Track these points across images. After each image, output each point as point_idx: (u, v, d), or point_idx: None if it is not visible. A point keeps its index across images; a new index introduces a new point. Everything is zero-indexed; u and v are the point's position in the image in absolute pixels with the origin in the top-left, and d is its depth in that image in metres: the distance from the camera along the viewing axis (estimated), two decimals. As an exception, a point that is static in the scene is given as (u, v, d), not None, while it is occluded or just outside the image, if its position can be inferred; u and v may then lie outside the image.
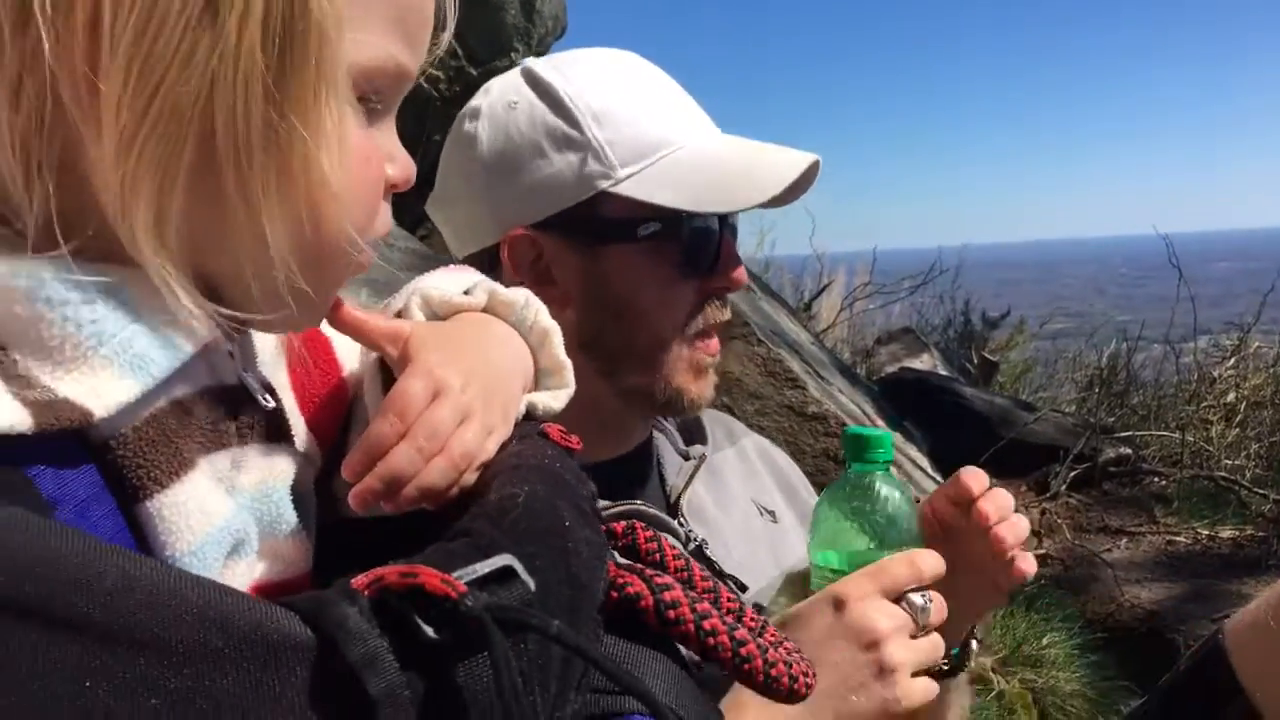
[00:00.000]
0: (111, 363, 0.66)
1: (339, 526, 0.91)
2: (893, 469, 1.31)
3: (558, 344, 0.95)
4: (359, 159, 0.70)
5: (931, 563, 1.19)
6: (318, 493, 0.90)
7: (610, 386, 1.44)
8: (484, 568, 0.56)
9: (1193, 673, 1.46)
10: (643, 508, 1.41)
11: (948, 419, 6.37)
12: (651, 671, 0.66)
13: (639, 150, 1.39)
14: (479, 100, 1.50)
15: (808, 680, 0.70)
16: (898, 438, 4.45)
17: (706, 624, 0.67)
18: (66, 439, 0.64)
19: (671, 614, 0.66)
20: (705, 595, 0.78)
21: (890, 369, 8.18)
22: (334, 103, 0.65)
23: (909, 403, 6.34)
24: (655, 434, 1.60)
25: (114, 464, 0.67)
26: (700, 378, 1.46)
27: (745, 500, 1.63)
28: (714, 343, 1.48)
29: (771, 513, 1.66)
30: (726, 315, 1.49)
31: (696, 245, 1.41)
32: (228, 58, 0.62)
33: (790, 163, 1.43)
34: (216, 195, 0.65)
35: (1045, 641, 3.88)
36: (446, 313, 0.90)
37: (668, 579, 0.69)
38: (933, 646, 1.18)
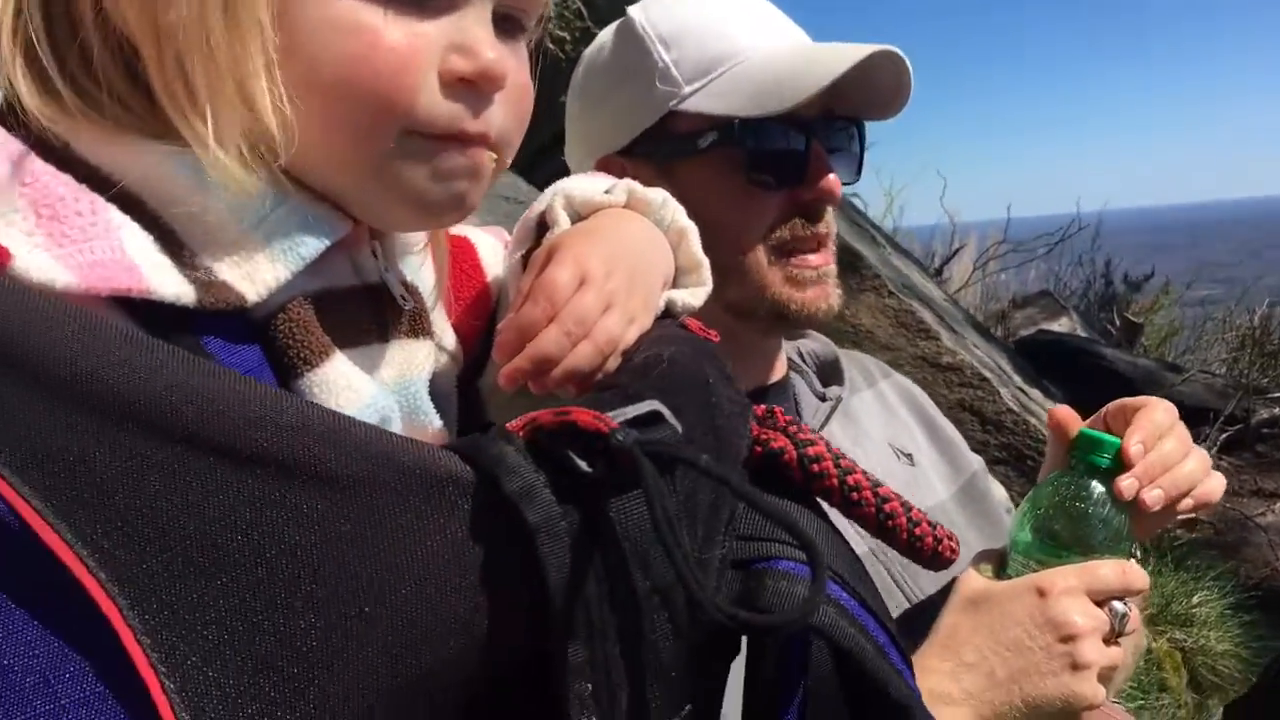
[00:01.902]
0: (263, 247, 0.70)
1: (485, 427, 0.95)
2: (1036, 424, 1.29)
3: (694, 242, 0.97)
4: (360, 45, 0.69)
5: (1139, 576, 1.19)
6: (463, 394, 0.94)
7: (717, 304, 1.45)
8: (632, 410, 0.58)
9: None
10: None
11: (1088, 380, 6.18)
12: (801, 518, 0.67)
13: (704, 66, 1.41)
14: (587, 50, 1.57)
15: (952, 545, 0.70)
16: (1038, 395, 4.35)
17: (851, 479, 0.67)
18: (232, 316, 0.69)
19: (815, 467, 0.67)
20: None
21: (1026, 332, 7.97)
22: None
23: (1047, 363, 6.16)
24: (792, 375, 1.60)
25: (271, 342, 0.72)
26: (805, 288, 1.43)
27: (882, 443, 1.62)
28: (812, 257, 1.44)
29: (909, 455, 1.64)
30: (822, 229, 1.45)
31: (767, 154, 1.40)
32: None
33: (841, 56, 1.37)
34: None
35: (1195, 600, 3.75)
36: (588, 211, 0.92)
37: (812, 435, 0.70)
38: (1119, 655, 1.18)
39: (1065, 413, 1.31)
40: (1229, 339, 8.77)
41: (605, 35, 1.53)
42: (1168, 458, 1.25)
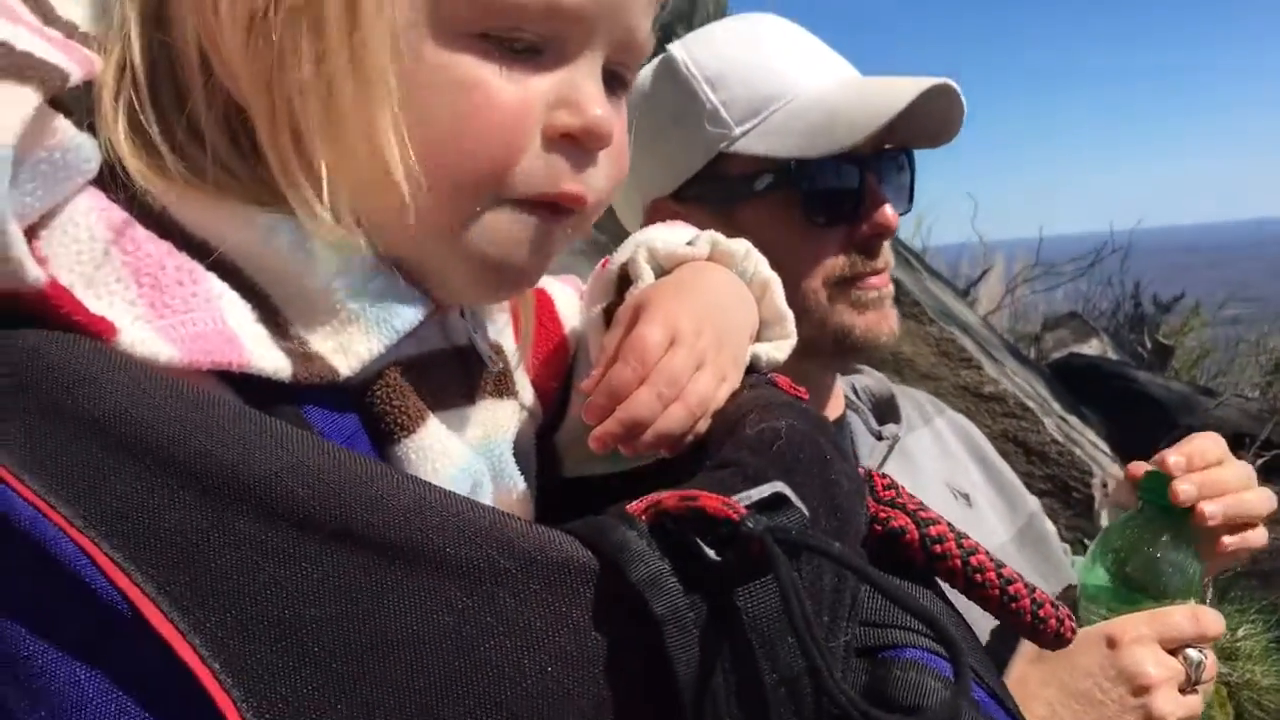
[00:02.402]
0: (358, 318, 0.69)
1: (562, 483, 0.94)
2: (1081, 453, 1.28)
3: (779, 294, 0.95)
4: (473, 102, 0.67)
5: (1214, 621, 1.17)
6: (540, 448, 0.92)
7: None
8: (757, 493, 0.56)
9: None
10: None
11: (1123, 405, 6.12)
12: (925, 601, 0.64)
13: (754, 106, 1.39)
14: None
15: (1072, 625, 0.68)
16: (1076, 421, 4.30)
17: (974, 559, 0.65)
18: (330, 386, 0.68)
19: (938, 548, 0.65)
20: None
21: (1058, 354, 7.91)
22: (407, 41, 0.65)
23: (1082, 388, 6.11)
24: (849, 414, 1.58)
25: (368, 410, 0.71)
26: (865, 311, 1.42)
27: (939, 483, 1.59)
28: (877, 279, 1.43)
29: (966, 496, 1.62)
30: (881, 262, 1.44)
31: (823, 193, 1.39)
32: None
33: (896, 93, 1.35)
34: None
35: (1240, 634, 3.70)
36: (671, 264, 0.90)
37: (933, 514, 0.67)
38: (1197, 705, 1.15)
39: (1137, 464, 1.29)
40: (1262, 362, 8.70)
41: (644, 74, 1.49)
42: (1224, 480, 1.23)
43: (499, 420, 0.84)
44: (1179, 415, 6.19)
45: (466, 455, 0.77)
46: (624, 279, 0.91)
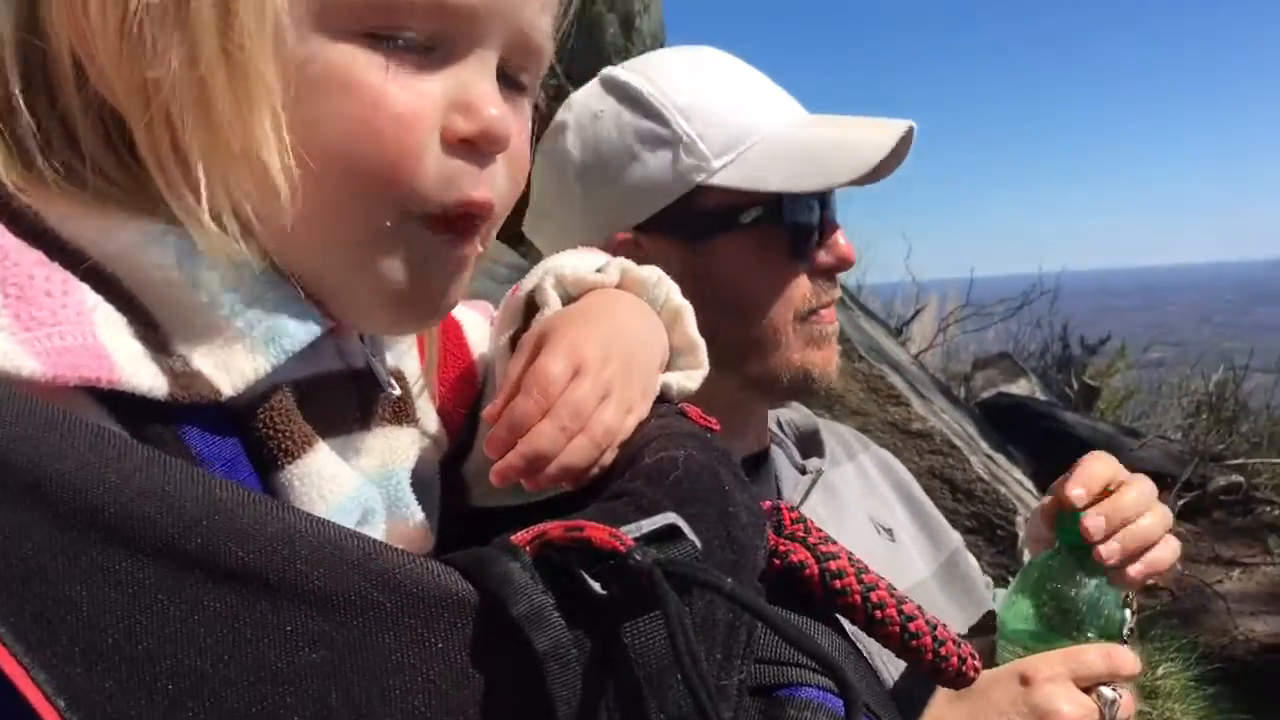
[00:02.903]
0: (244, 336, 0.66)
1: (469, 511, 0.91)
2: (1005, 490, 1.28)
3: (690, 322, 0.93)
4: (362, 106, 0.65)
5: (1128, 660, 1.16)
6: (445, 477, 0.89)
7: (733, 379, 1.40)
8: (648, 525, 0.54)
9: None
10: None
11: (1050, 445, 6.20)
12: (823, 640, 0.62)
13: (729, 140, 1.37)
14: (563, 115, 1.48)
15: (975, 665, 0.66)
16: (1003, 460, 4.34)
17: (874, 595, 0.63)
18: (210, 406, 0.64)
19: (838, 583, 0.63)
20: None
21: (987, 394, 8.02)
22: (283, 41, 0.62)
23: (1009, 426, 6.19)
24: (772, 447, 1.57)
25: (251, 433, 0.68)
26: (823, 348, 1.43)
27: (862, 518, 1.59)
28: (828, 313, 1.44)
29: (889, 531, 1.61)
30: (837, 293, 1.46)
31: (799, 226, 1.39)
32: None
33: (885, 133, 1.39)
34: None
35: (1160, 672, 3.74)
36: (579, 291, 0.88)
37: (834, 548, 0.65)
38: None
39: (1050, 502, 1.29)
40: (1184, 404, 8.89)
41: (601, 103, 1.44)
42: (1124, 509, 1.23)
43: (397, 448, 0.81)
44: (1104, 455, 6.29)
45: (356, 484, 0.73)
46: (532, 306, 0.88)
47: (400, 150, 0.66)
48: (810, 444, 1.65)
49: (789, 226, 1.37)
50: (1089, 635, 1.18)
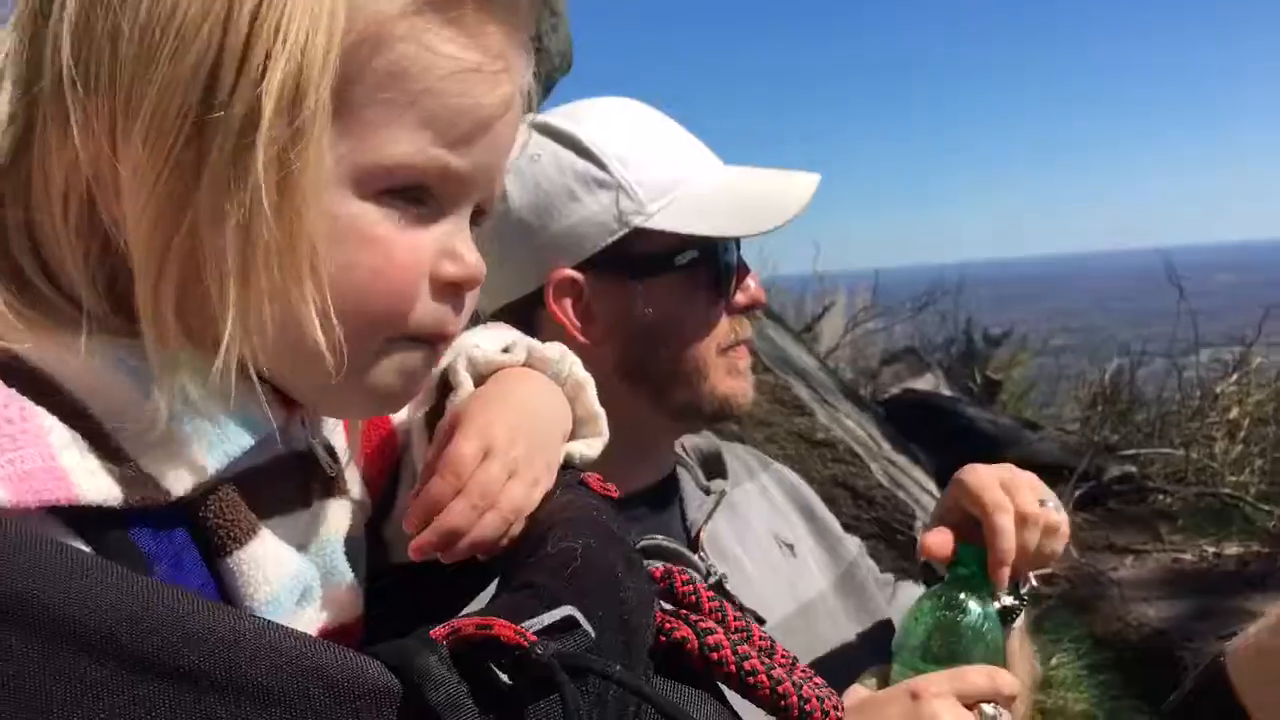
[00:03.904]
0: (195, 442, 0.73)
1: (392, 568, 0.98)
2: (903, 494, 1.40)
3: (591, 395, 1.02)
4: (378, 256, 0.73)
5: (1009, 681, 1.27)
6: (368, 537, 0.97)
7: (659, 409, 1.53)
8: (549, 618, 0.63)
9: (1196, 696, 1.51)
10: (663, 542, 1.47)
11: (953, 440, 6.41)
12: (699, 710, 0.72)
13: (661, 187, 1.48)
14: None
15: (839, 714, 0.76)
16: (905, 461, 4.51)
17: (747, 664, 0.73)
18: (159, 505, 0.71)
19: (715, 655, 0.73)
20: (739, 632, 0.84)
21: (894, 390, 8.23)
22: (313, 201, 0.69)
23: (914, 424, 6.38)
24: (679, 469, 1.66)
25: (199, 525, 0.75)
26: (739, 378, 1.56)
27: (765, 535, 1.69)
28: (744, 349, 1.57)
29: (790, 546, 1.71)
30: (750, 331, 1.59)
31: (725, 268, 1.51)
32: (208, 161, 0.67)
33: (802, 186, 1.54)
34: (203, 289, 0.69)
35: (1054, 662, 3.93)
36: (489, 371, 0.96)
37: (710, 623, 0.75)
38: None
39: (935, 540, 1.41)
40: (1081, 397, 9.19)
41: (539, 146, 1.52)
42: (1025, 541, 1.37)
43: (331, 520, 0.88)
44: (1004, 449, 6.52)
45: (297, 563, 0.81)
46: (445, 383, 0.96)
47: (404, 296, 0.76)
48: (713, 466, 1.75)
49: (716, 269, 1.50)
50: (974, 658, 1.30)
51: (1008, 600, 1.44)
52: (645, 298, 1.49)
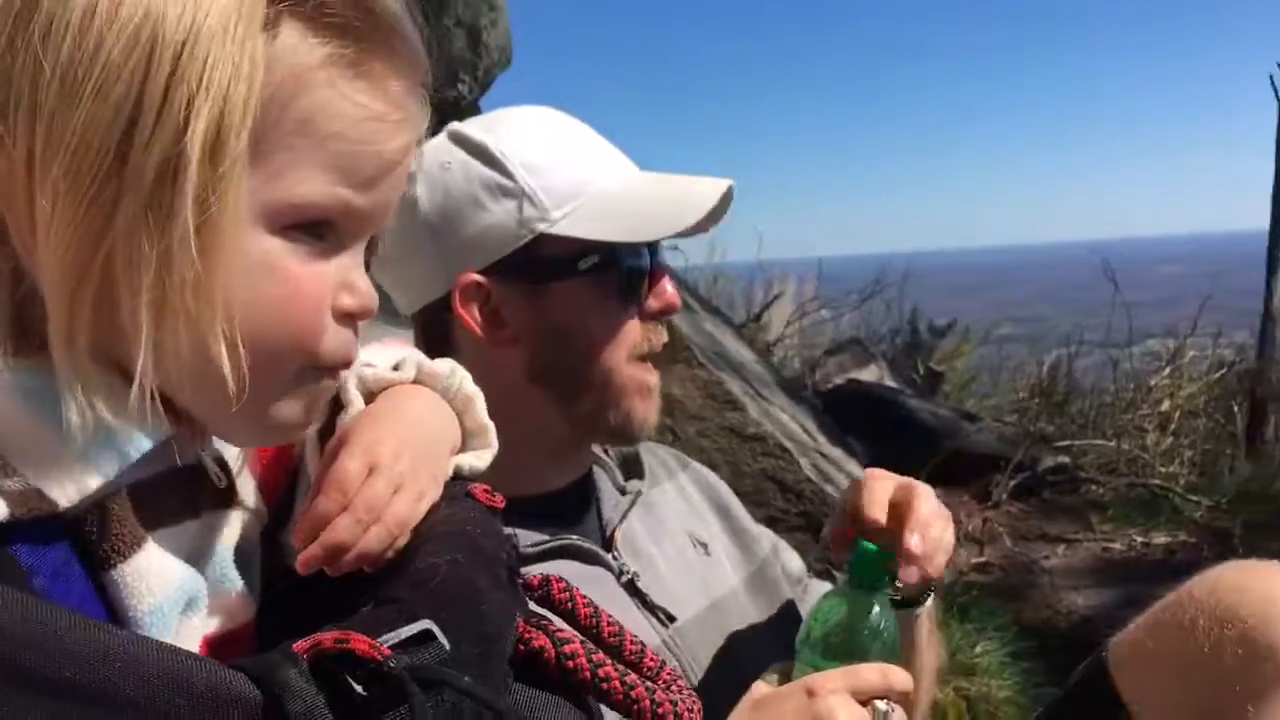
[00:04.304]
0: (83, 456, 0.76)
1: (286, 570, 1.02)
2: (833, 489, 1.45)
3: (480, 408, 1.06)
4: (286, 289, 0.78)
5: (901, 679, 1.33)
6: (267, 542, 1.01)
7: (565, 415, 1.55)
8: (406, 631, 0.67)
9: (1080, 687, 1.59)
10: (577, 541, 1.51)
11: (893, 431, 6.50)
12: (554, 716, 0.77)
13: (567, 192, 1.51)
14: (411, 165, 1.60)
15: (692, 716, 0.81)
16: (839, 454, 4.59)
17: (601, 671, 0.78)
18: (45, 519, 0.75)
19: (570, 664, 0.78)
20: (611, 640, 0.89)
21: (838, 380, 8.30)
22: (232, 237, 0.73)
23: (855, 415, 6.46)
24: (596, 469, 1.71)
25: (82, 539, 0.79)
26: (646, 399, 1.57)
27: (680, 534, 1.73)
28: (652, 365, 1.59)
29: (705, 545, 1.76)
30: (665, 337, 1.61)
31: (632, 272, 1.53)
32: (126, 198, 0.71)
33: (709, 189, 1.54)
34: (115, 316, 0.73)
35: (978, 650, 4.02)
36: (379, 389, 1.01)
37: (568, 633, 0.80)
38: None
39: (835, 536, 1.47)
40: (1020, 388, 9.34)
41: (450, 155, 1.56)
42: (934, 538, 1.44)
43: (221, 530, 0.92)
44: (944, 439, 6.62)
45: (182, 574, 0.85)
46: (336, 401, 1.00)
47: (310, 328, 0.80)
48: (631, 465, 1.80)
49: (622, 274, 1.52)
50: (870, 655, 1.36)
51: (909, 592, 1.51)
52: (550, 304, 1.52)
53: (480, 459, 1.04)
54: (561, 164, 1.54)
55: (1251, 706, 1.35)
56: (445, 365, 1.05)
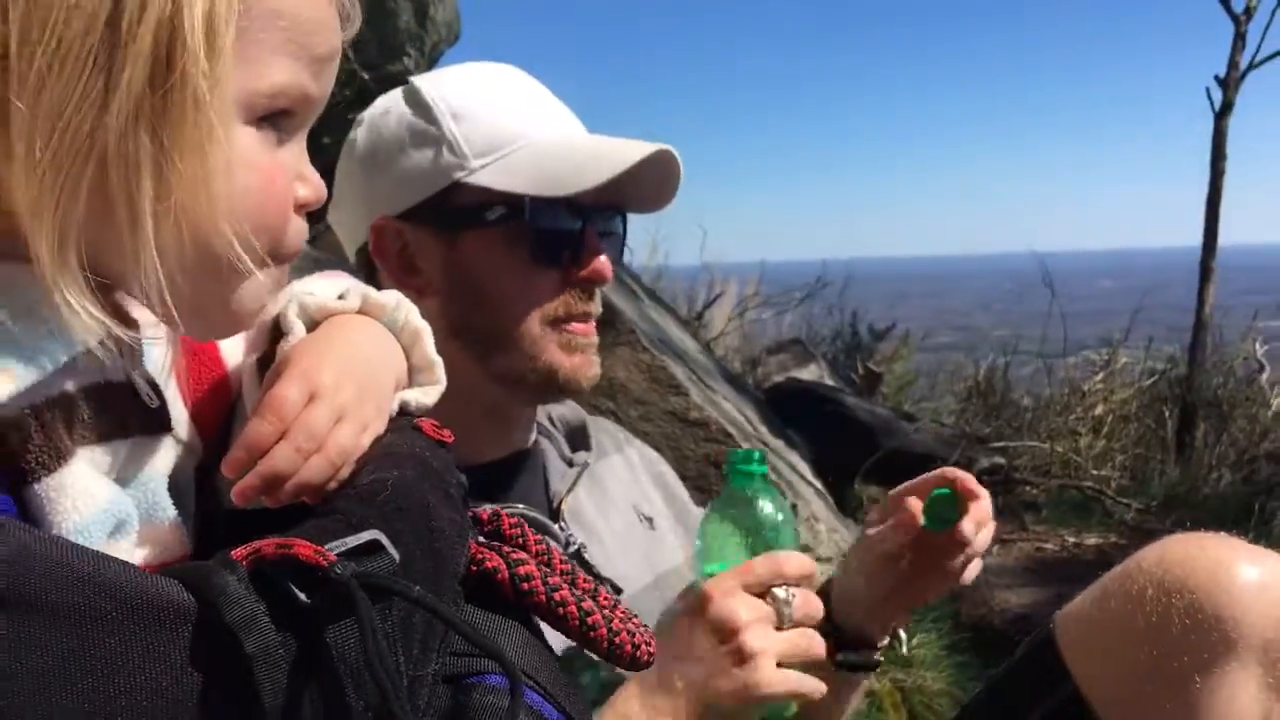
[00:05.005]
0: (2, 354, 0.71)
1: (225, 514, 0.97)
2: (775, 476, 1.43)
3: (428, 342, 1.02)
4: (262, 179, 0.77)
5: (797, 562, 1.30)
6: (203, 482, 0.95)
7: (484, 372, 1.50)
8: (353, 540, 0.63)
9: (1027, 659, 1.58)
10: (524, 510, 1.48)
11: (831, 428, 6.52)
12: (506, 637, 0.73)
13: (493, 143, 1.47)
14: (363, 113, 1.58)
15: (649, 649, 0.78)
16: (781, 445, 4.59)
17: (557, 595, 0.74)
18: None
19: (525, 586, 0.74)
20: (564, 576, 0.85)
21: (778, 378, 8.33)
22: (223, 130, 0.72)
23: (794, 411, 6.47)
24: (542, 440, 1.67)
25: (4, 448, 0.73)
26: (574, 354, 1.51)
27: (626, 507, 1.71)
28: (586, 326, 1.53)
29: (650, 519, 1.74)
30: (592, 308, 1.54)
31: (549, 233, 1.48)
32: (118, 93, 0.68)
33: (634, 151, 1.48)
34: (110, 217, 0.71)
35: (915, 642, 4.04)
36: (321, 317, 0.96)
37: (524, 555, 0.76)
38: (801, 639, 1.28)
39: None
40: (958, 391, 9.45)
41: (391, 100, 1.57)
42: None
43: (153, 456, 0.87)
44: (881, 438, 6.67)
45: (110, 494, 0.79)
46: (278, 329, 0.96)
47: (282, 217, 0.80)
48: (579, 438, 1.76)
49: (534, 230, 1.47)
50: (759, 551, 1.34)
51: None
52: (461, 254, 1.48)
53: (427, 395, 1.00)
54: (491, 114, 1.50)
55: (1197, 676, 1.35)
56: (392, 297, 1.01)
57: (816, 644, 1.30)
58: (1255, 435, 7.65)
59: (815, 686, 1.27)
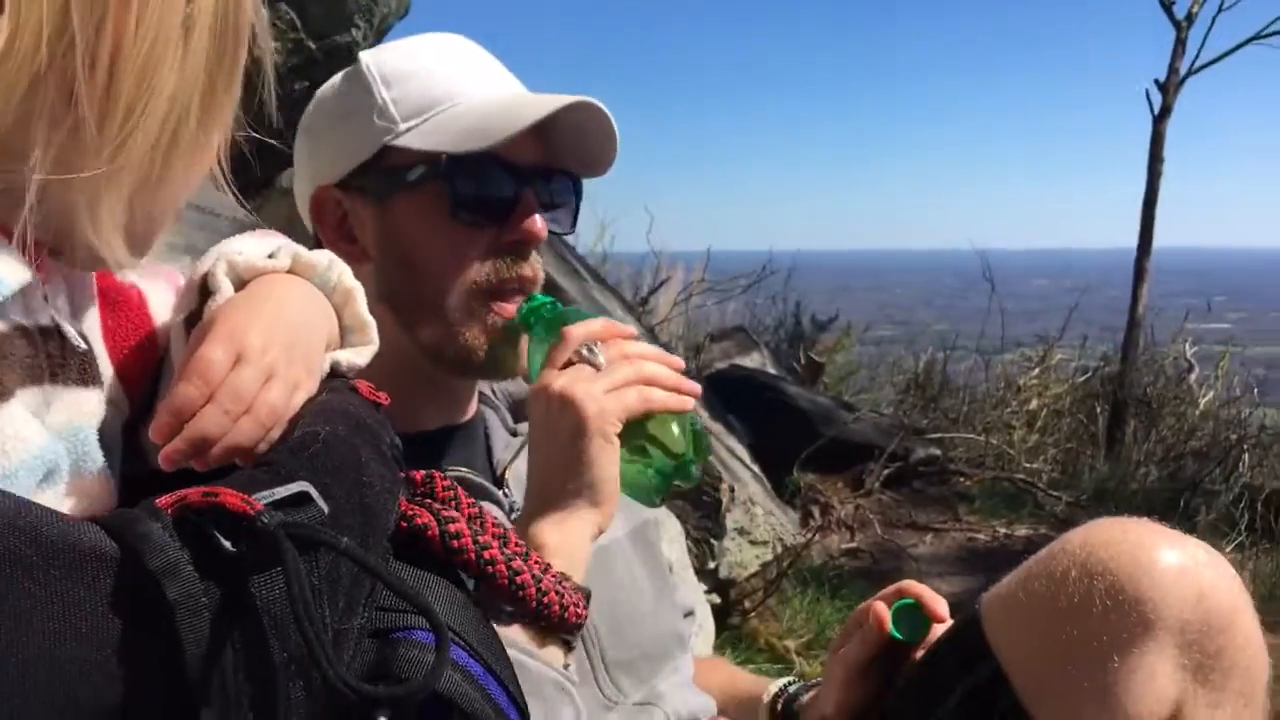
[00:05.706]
0: None
1: (148, 475, 0.96)
2: (714, 460, 1.46)
3: (360, 302, 1.00)
4: None
5: (596, 327, 1.37)
6: (128, 442, 0.94)
7: (413, 342, 1.48)
8: (282, 491, 0.63)
9: (951, 639, 1.61)
10: (467, 474, 1.47)
11: (772, 415, 6.58)
12: (433, 593, 0.73)
13: (421, 106, 1.46)
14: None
15: (578, 610, 0.78)
16: (721, 429, 4.61)
17: (486, 554, 0.75)
18: None
19: (455, 544, 0.74)
20: (496, 538, 0.85)
21: (721, 365, 8.36)
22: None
23: (736, 398, 6.51)
24: (486, 410, 1.66)
25: None
26: (492, 336, 1.48)
27: None
28: (509, 307, 1.49)
29: None
30: (526, 271, 1.50)
31: (472, 193, 1.45)
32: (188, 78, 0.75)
33: (549, 101, 1.43)
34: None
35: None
36: (250, 276, 0.94)
37: (454, 514, 0.76)
38: (621, 377, 1.31)
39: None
40: (897, 382, 9.56)
41: (340, 76, 1.57)
42: None
43: (83, 407, 0.85)
44: (821, 426, 6.73)
45: (42, 441, 0.78)
46: (207, 288, 0.94)
47: None
48: (522, 408, 1.76)
49: (454, 189, 1.44)
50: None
51: None
52: (390, 219, 1.47)
53: (360, 355, 0.98)
54: (423, 78, 1.48)
55: (1116, 656, 1.38)
56: (324, 257, 0.99)
57: (648, 358, 1.36)
58: (1183, 433, 7.84)
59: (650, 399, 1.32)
